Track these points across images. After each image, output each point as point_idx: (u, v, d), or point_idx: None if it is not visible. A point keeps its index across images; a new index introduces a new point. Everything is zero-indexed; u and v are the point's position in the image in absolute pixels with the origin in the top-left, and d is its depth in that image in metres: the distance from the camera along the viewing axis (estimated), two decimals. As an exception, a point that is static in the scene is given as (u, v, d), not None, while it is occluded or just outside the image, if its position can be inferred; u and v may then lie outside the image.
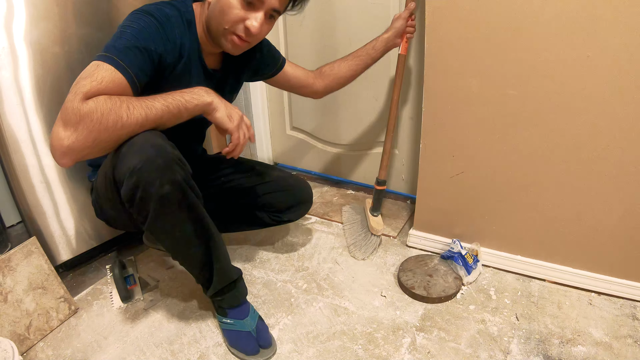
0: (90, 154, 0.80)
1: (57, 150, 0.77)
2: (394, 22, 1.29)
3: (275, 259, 1.38)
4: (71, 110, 0.76)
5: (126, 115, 0.79)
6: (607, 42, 0.96)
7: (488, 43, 1.07)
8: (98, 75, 0.80)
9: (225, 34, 0.94)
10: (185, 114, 0.88)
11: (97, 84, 0.79)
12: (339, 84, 1.33)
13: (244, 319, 1.04)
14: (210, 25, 0.95)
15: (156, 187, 0.82)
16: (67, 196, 1.24)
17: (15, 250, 1.06)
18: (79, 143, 0.77)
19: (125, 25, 0.88)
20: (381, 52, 1.30)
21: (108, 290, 1.24)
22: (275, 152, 2.05)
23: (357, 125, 1.73)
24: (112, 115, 0.77)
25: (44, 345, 1.06)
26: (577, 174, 1.10)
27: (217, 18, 0.93)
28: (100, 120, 0.76)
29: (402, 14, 1.27)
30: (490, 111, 1.14)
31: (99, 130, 0.77)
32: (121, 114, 0.78)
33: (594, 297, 1.17)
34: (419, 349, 1.03)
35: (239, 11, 0.90)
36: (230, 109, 0.93)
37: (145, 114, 0.82)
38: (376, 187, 1.45)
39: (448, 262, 1.27)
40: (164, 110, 0.84)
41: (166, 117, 0.85)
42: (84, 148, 0.78)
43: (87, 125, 0.76)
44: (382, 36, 1.29)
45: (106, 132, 0.78)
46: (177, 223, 0.90)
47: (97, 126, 0.77)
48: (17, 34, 1.04)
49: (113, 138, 0.80)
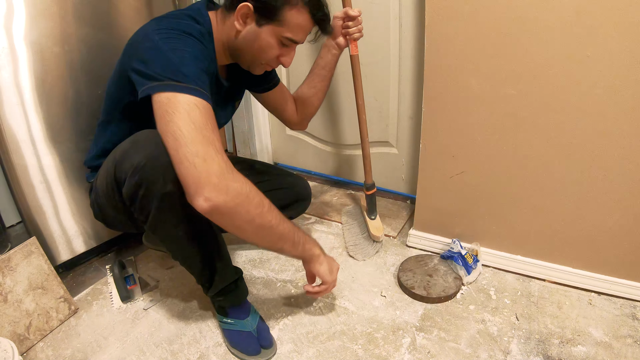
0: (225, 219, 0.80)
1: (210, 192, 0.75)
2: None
3: (275, 259, 1.38)
4: (217, 160, 0.76)
5: (264, 214, 0.83)
6: (607, 42, 0.95)
7: (488, 43, 1.07)
8: (208, 122, 0.78)
9: (260, 65, 1.00)
10: (295, 250, 0.95)
11: (215, 134, 0.78)
12: (307, 105, 1.28)
13: (245, 318, 1.04)
14: (243, 55, 0.98)
15: (159, 185, 0.82)
16: (67, 196, 1.24)
17: (15, 250, 1.06)
18: (232, 199, 0.77)
19: (176, 49, 0.82)
20: (325, 58, 1.21)
21: (108, 290, 1.24)
22: (275, 152, 2.05)
23: (357, 125, 1.73)
24: (254, 201, 0.82)
25: (43, 345, 1.06)
26: (577, 173, 1.10)
27: (255, 53, 0.96)
28: (248, 195, 0.80)
29: (335, 14, 1.18)
30: (490, 111, 1.14)
31: (245, 204, 0.80)
32: (263, 207, 0.83)
33: (594, 297, 1.18)
34: (418, 349, 1.03)
35: (277, 51, 0.95)
36: (331, 263, 1.04)
37: (278, 223, 0.86)
38: (366, 192, 1.46)
39: (448, 262, 1.27)
40: (289, 232, 0.90)
41: (284, 241, 0.90)
42: (230, 207, 0.78)
43: (240, 196, 0.79)
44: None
45: (247, 212, 0.80)
46: (179, 222, 0.90)
47: (245, 200, 0.80)
48: (17, 34, 1.04)
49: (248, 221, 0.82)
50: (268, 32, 0.92)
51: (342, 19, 1.17)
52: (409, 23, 1.44)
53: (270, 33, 0.92)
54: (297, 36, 0.93)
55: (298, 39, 0.94)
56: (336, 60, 1.22)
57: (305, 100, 1.27)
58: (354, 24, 1.17)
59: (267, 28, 0.91)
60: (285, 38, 0.93)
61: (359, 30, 1.19)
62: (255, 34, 0.92)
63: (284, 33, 0.92)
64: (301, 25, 0.92)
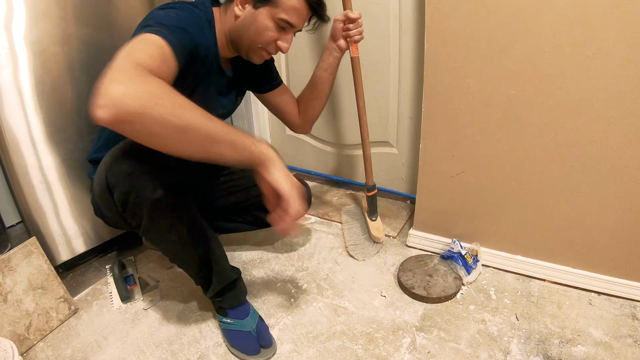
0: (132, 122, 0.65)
1: (104, 97, 0.63)
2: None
3: (275, 259, 1.38)
4: (128, 68, 0.67)
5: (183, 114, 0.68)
6: (607, 42, 0.96)
7: (488, 43, 1.07)
8: (149, 49, 0.73)
9: (257, 50, 1.00)
10: (236, 152, 0.76)
11: (150, 59, 0.71)
12: (309, 107, 1.28)
13: (244, 318, 1.04)
14: (242, 40, 0.99)
15: (149, 191, 0.82)
16: (67, 196, 1.24)
17: (15, 251, 1.06)
18: (134, 102, 0.63)
19: (168, 14, 0.86)
20: (327, 61, 1.21)
21: (108, 291, 1.24)
22: (275, 152, 2.05)
23: (357, 125, 1.72)
24: (169, 100, 0.67)
25: (43, 345, 1.06)
26: (577, 173, 1.10)
27: (251, 36, 0.97)
28: (160, 95, 0.66)
29: (336, 16, 1.19)
30: (490, 111, 1.14)
31: (156, 105, 0.65)
32: (180, 106, 0.68)
33: (594, 297, 1.17)
34: (418, 349, 1.02)
35: (274, 33, 0.97)
36: (292, 177, 0.83)
37: (203, 121, 0.71)
38: (367, 193, 1.46)
39: (448, 262, 1.27)
40: (222, 131, 0.73)
41: (218, 143, 0.73)
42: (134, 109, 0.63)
43: (147, 93, 0.65)
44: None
45: (159, 114, 0.65)
46: (172, 227, 0.90)
47: (154, 100, 0.65)
48: (17, 34, 1.04)
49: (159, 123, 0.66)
50: (264, 14, 0.95)
51: (343, 22, 1.18)
52: (409, 23, 1.45)
53: (267, 15, 0.95)
54: (292, 19, 0.96)
55: (293, 21, 0.96)
56: (338, 62, 1.23)
57: (308, 102, 1.28)
58: (354, 26, 1.18)
59: (264, 10, 0.95)
60: (281, 20, 0.95)
61: (359, 33, 1.20)
62: (253, 16, 0.95)
63: (279, 14, 0.95)
64: (296, 7, 0.95)
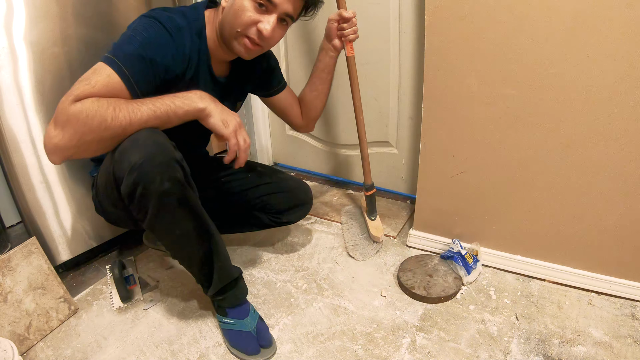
0: (77, 154, 0.82)
1: (47, 147, 0.81)
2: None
3: (275, 259, 1.38)
4: (61, 111, 0.79)
5: (111, 118, 0.80)
6: (607, 42, 0.96)
7: (488, 43, 1.07)
8: (93, 79, 0.82)
9: (238, 37, 0.95)
10: (174, 119, 0.88)
11: (90, 88, 0.81)
12: (310, 108, 1.28)
13: (244, 318, 1.04)
14: (224, 29, 0.97)
15: (156, 184, 0.82)
16: (67, 196, 1.24)
17: (15, 251, 1.06)
18: (65, 142, 0.79)
19: (137, 30, 0.89)
20: (324, 61, 1.22)
21: (108, 291, 1.24)
22: (275, 152, 2.05)
23: (355, 125, 1.73)
24: (97, 117, 0.79)
25: (43, 345, 1.06)
26: (576, 173, 1.10)
27: (230, 22, 0.95)
28: (85, 121, 0.78)
29: (330, 16, 1.20)
30: (490, 111, 1.14)
31: (84, 132, 0.79)
32: (106, 116, 0.80)
33: (594, 297, 1.17)
34: (418, 349, 1.03)
35: (252, 14, 0.92)
36: (226, 115, 0.92)
37: (130, 118, 0.82)
38: (366, 193, 1.46)
39: (448, 262, 1.27)
40: (150, 115, 0.84)
41: (152, 121, 0.85)
42: (69, 147, 0.80)
43: (72, 126, 0.78)
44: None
45: (91, 133, 0.80)
46: (177, 221, 0.90)
47: (81, 127, 0.79)
48: (16, 34, 1.04)
49: (96, 139, 0.81)
50: None
51: (337, 21, 1.18)
52: (409, 23, 1.45)
53: None
54: None
55: None
56: (334, 62, 1.23)
57: (308, 103, 1.28)
58: (348, 25, 1.17)
59: None
60: None
61: (354, 32, 1.19)
62: (234, 1, 0.94)
63: None
64: None
